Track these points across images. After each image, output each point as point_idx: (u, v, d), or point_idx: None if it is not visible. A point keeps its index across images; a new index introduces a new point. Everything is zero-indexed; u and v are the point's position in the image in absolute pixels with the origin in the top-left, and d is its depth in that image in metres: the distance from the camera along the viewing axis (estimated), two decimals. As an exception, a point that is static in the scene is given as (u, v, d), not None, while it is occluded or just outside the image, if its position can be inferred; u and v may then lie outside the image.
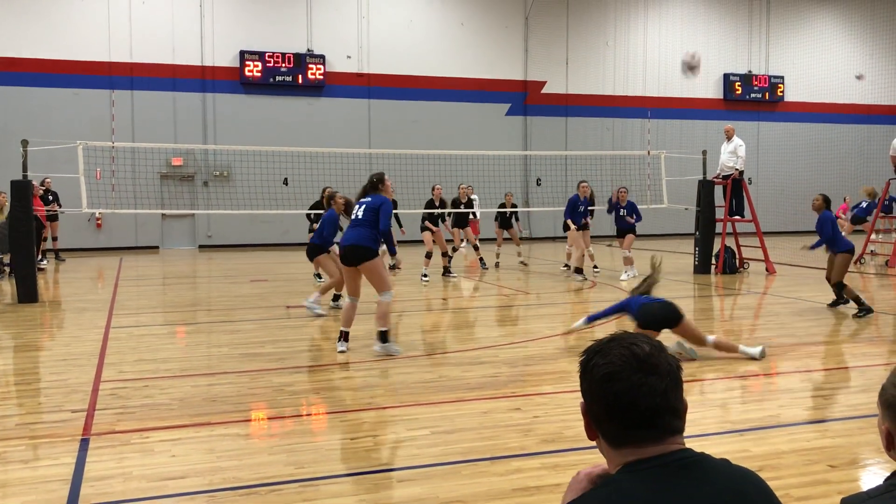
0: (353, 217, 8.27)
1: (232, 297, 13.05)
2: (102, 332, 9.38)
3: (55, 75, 22.95)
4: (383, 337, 8.03)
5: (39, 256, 16.99)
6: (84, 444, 5.10)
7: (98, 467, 4.65)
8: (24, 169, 12.49)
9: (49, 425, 5.60)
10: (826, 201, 10.93)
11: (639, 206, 15.52)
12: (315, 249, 11.05)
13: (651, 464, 1.62)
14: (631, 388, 1.63)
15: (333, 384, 6.84)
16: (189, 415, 5.79)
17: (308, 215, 15.10)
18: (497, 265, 17.22)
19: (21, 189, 12.22)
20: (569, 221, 14.69)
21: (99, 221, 23.31)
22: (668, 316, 7.55)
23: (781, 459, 4.71)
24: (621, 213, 15.24)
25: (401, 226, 15.56)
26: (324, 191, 13.83)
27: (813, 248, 11.08)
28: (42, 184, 17.55)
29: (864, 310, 10.12)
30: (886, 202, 21.04)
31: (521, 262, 17.33)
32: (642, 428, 1.63)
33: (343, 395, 6.45)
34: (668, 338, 7.57)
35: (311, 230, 14.04)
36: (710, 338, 7.67)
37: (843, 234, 11.77)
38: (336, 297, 11.20)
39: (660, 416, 1.64)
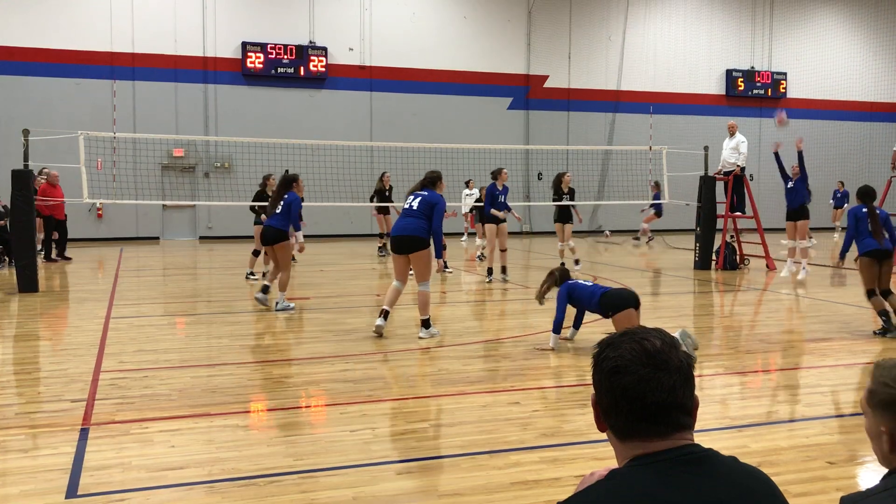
0: (406, 207, 8.53)
1: (232, 288, 13.06)
2: (103, 323, 9.39)
3: (57, 65, 22.91)
4: (426, 324, 8.46)
5: (57, 251, 17.03)
6: (84, 433, 5.11)
7: (97, 457, 4.65)
8: (26, 158, 12.48)
9: (49, 415, 5.61)
10: (863, 195, 8.96)
11: (640, 201, 15.48)
12: (277, 235, 10.32)
13: (657, 458, 1.62)
14: (639, 381, 1.63)
15: (333, 376, 6.85)
16: (189, 405, 5.80)
17: (252, 207, 14.53)
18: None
19: (22, 178, 12.21)
20: (494, 211, 13.65)
21: (100, 212, 23.31)
22: (635, 297, 7.58)
23: (780, 456, 4.72)
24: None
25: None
26: (265, 179, 14.30)
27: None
28: (40, 173, 17.51)
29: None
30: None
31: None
32: (648, 422, 1.64)
33: (342, 388, 6.45)
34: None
35: (257, 221, 13.68)
36: None
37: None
38: (265, 289, 10.44)
39: (666, 412, 1.64)
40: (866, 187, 8.96)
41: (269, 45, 24.49)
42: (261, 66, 24.46)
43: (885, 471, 1.93)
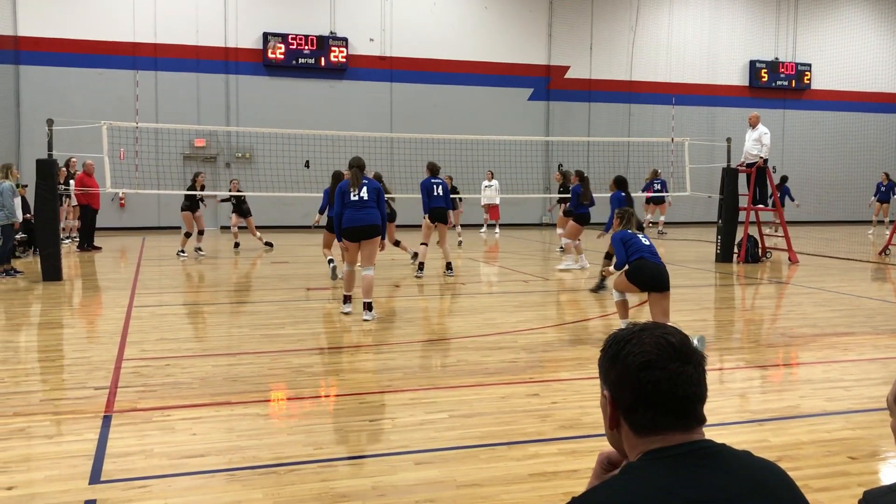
0: (357, 198, 8.99)
1: (253, 278, 13.14)
2: (125, 311, 9.48)
3: (80, 55, 23.09)
4: (371, 306, 9.02)
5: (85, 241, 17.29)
6: (106, 420, 5.17)
7: (120, 444, 4.71)
8: (50, 148, 12.60)
9: (72, 402, 5.68)
10: None
11: (662, 193, 15.18)
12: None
13: (674, 451, 1.62)
14: (670, 376, 1.63)
15: (353, 366, 6.88)
16: (210, 394, 5.85)
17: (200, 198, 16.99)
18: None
19: (46, 168, 12.34)
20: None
21: (122, 201, 23.51)
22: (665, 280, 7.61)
23: (801, 450, 4.68)
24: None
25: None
26: (195, 176, 17.17)
27: None
28: (67, 164, 17.70)
29: None
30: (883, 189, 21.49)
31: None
32: (676, 416, 1.64)
33: (362, 378, 6.48)
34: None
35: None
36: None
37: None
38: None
39: (693, 405, 1.65)
40: None
41: (290, 36, 24.54)
42: (282, 56, 24.52)
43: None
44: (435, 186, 12.78)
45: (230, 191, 18.49)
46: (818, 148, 29.03)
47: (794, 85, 30.01)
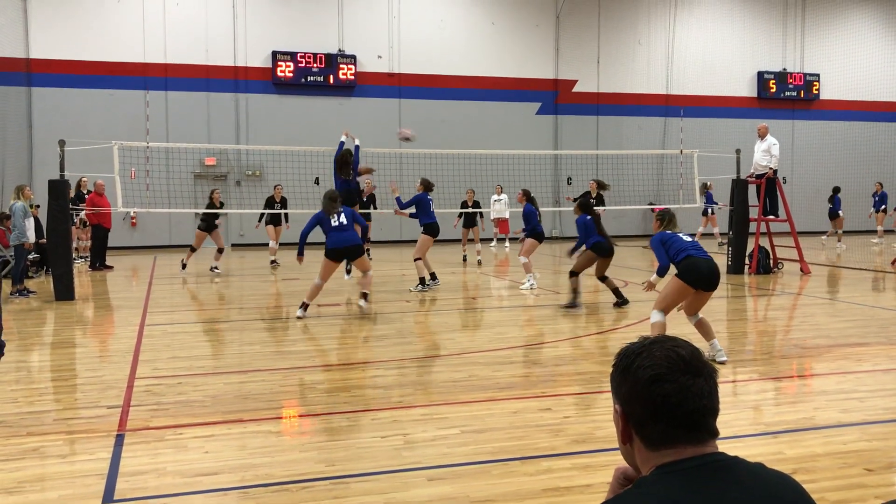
0: (336, 224, 10.44)
1: (264, 295, 13.17)
2: (137, 330, 9.51)
3: (91, 76, 23.31)
4: (366, 297, 10.78)
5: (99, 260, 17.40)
6: (119, 439, 5.18)
7: (133, 462, 4.72)
8: (62, 168, 12.71)
9: (85, 421, 5.70)
10: None
11: (671, 206, 14.75)
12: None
13: (686, 465, 1.61)
14: (680, 389, 1.63)
15: (364, 382, 6.87)
16: (222, 412, 5.85)
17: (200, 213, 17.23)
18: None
19: (58, 188, 12.43)
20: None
21: (134, 220, 23.64)
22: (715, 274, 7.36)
23: (816, 462, 4.64)
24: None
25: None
26: (212, 193, 17.29)
27: None
28: (79, 184, 17.84)
29: None
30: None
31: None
32: (687, 429, 1.63)
33: (373, 394, 6.48)
34: (697, 340, 7.51)
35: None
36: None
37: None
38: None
39: (704, 418, 1.65)
40: None
41: (298, 54, 24.71)
42: (291, 74, 24.68)
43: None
44: (430, 202, 13.46)
45: (274, 198, 18.21)
46: (827, 158, 28.94)
47: (802, 95, 29.96)
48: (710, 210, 22.18)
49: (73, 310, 11.54)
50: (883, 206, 23.97)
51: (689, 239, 7.60)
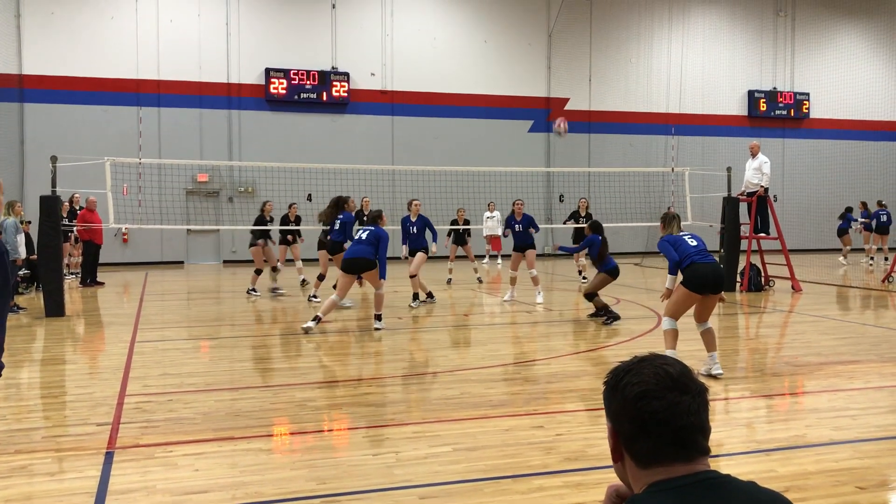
0: (356, 238, 10.88)
1: (255, 311, 13.13)
2: (128, 346, 9.46)
3: (84, 93, 23.33)
4: (380, 318, 10.82)
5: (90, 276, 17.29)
6: (109, 457, 5.14)
7: (122, 481, 4.68)
8: (53, 184, 12.68)
9: (74, 438, 5.65)
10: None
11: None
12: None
13: (678, 483, 1.61)
14: (667, 406, 1.63)
15: (356, 400, 6.85)
16: (212, 429, 5.81)
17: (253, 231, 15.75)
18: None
19: (50, 204, 12.40)
20: (404, 248, 13.78)
21: (125, 236, 23.58)
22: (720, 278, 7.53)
23: (808, 480, 4.64)
24: (517, 229, 13.87)
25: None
26: (263, 205, 15.83)
27: None
28: (71, 200, 17.81)
29: None
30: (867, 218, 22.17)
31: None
32: (676, 446, 1.63)
33: (365, 411, 6.45)
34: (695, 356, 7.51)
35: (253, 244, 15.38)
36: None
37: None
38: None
39: (692, 436, 1.64)
40: None
41: (291, 71, 24.80)
42: (284, 91, 24.75)
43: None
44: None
45: (288, 216, 16.76)
46: (818, 176, 29.13)
47: (792, 114, 30.21)
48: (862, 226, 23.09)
49: (63, 326, 11.47)
50: (861, 224, 23.92)
51: (694, 243, 7.70)
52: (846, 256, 23.04)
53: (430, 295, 13.78)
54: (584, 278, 17.20)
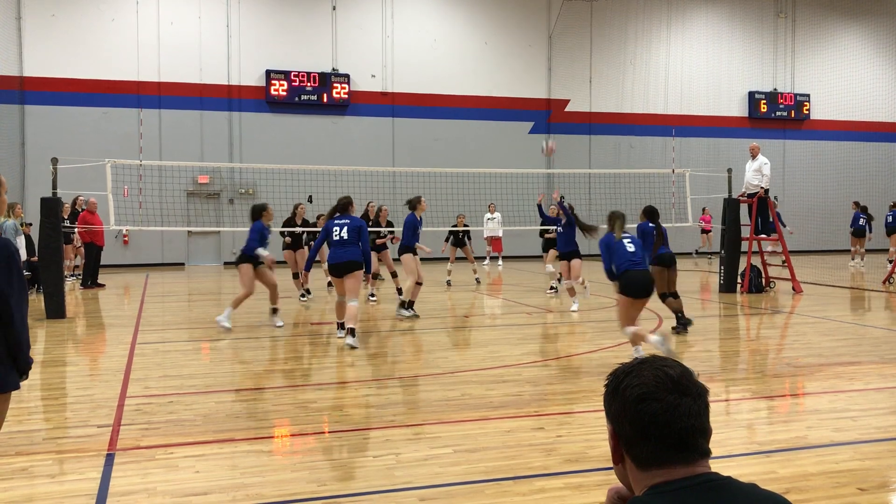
0: (336, 238, 9.73)
1: (256, 313, 13.12)
2: (128, 348, 9.47)
3: (84, 95, 23.35)
4: (353, 332, 9.49)
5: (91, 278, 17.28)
6: (109, 459, 5.14)
7: (123, 482, 4.68)
8: (54, 186, 12.69)
9: (75, 440, 5.65)
10: None
11: (665, 225, 13.25)
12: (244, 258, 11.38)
13: (678, 485, 1.61)
14: (667, 408, 1.63)
15: (356, 401, 6.84)
16: (213, 431, 5.82)
17: (282, 233, 15.56)
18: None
19: (51, 206, 12.40)
20: (421, 246, 12.72)
21: (126, 238, 23.59)
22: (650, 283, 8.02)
23: (809, 482, 4.64)
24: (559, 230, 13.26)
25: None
26: (295, 208, 15.50)
27: None
28: (74, 203, 17.81)
29: None
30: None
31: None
32: (676, 449, 1.63)
33: (365, 413, 6.45)
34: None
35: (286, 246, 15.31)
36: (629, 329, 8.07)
37: None
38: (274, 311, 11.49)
39: (693, 438, 1.64)
40: None
41: (292, 73, 24.81)
42: (284, 93, 24.76)
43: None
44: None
45: (295, 220, 15.55)
46: (818, 177, 29.13)
47: (793, 115, 30.20)
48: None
49: (63, 328, 11.48)
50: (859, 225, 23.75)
51: (632, 249, 8.11)
52: (862, 258, 22.80)
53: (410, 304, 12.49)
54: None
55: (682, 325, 10.30)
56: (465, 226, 19.40)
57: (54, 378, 8.26)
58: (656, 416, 1.63)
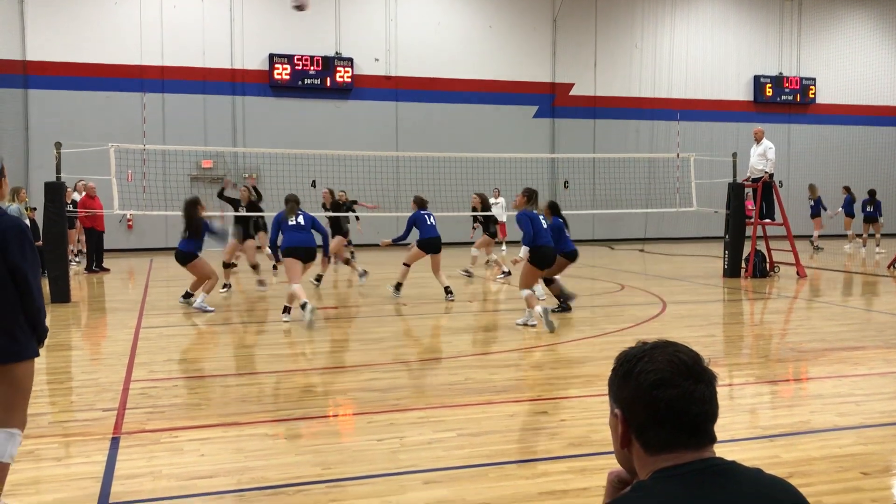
0: (293, 224, 10.37)
1: (260, 297, 13.15)
2: (133, 332, 9.50)
3: (88, 79, 23.30)
4: (289, 311, 10.24)
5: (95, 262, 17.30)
6: (115, 442, 5.17)
7: (128, 466, 4.70)
8: (58, 171, 12.69)
9: (81, 424, 5.68)
10: None
11: (668, 210, 12.71)
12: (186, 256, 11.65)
13: (684, 469, 1.61)
14: (683, 394, 1.63)
15: (360, 385, 6.87)
16: (218, 415, 5.84)
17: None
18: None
19: (55, 191, 12.41)
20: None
21: (130, 223, 23.61)
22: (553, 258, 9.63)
23: (812, 466, 4.65)
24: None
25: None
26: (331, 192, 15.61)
27: None
28: (74, 188, 17.81)
29: None
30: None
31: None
32: (689, 434, 1.64)
33: (370, 397, 6.47)
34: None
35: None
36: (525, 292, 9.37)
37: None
38: (188, 295, 11.75)
39: (705, 423, 1.65)
40: None
41: (295, 57, 24.72)
42: (288, 77, 24.69)
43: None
44: (427, 217, 12.55)
45: (325, 203, 16.09)
46: (824, 162, 29.01)
47: (798, 99, 30.04)
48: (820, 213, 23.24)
49: (68, 312, 11.51)
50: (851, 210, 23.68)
51: (545, 224, 9.44)
52: (878, 244, 22.69)
53: (447, 290, 12.53)
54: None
55: (564, 307, 10.90)
56: (485, 206, 18.67)
57: (60, 362, 8.29)
58: (672, 403, 1.63)
